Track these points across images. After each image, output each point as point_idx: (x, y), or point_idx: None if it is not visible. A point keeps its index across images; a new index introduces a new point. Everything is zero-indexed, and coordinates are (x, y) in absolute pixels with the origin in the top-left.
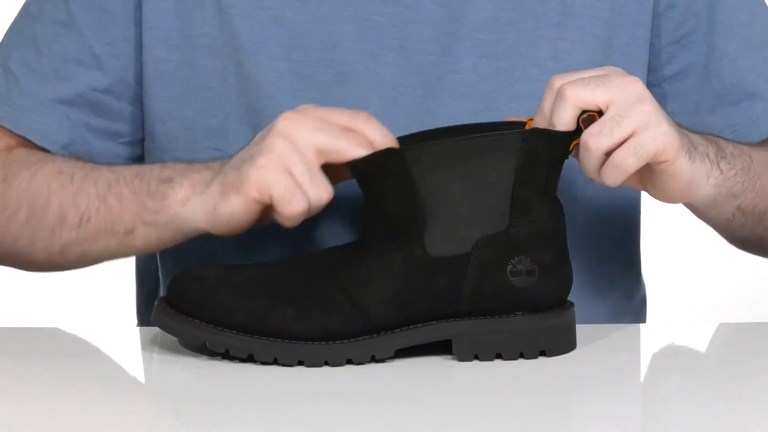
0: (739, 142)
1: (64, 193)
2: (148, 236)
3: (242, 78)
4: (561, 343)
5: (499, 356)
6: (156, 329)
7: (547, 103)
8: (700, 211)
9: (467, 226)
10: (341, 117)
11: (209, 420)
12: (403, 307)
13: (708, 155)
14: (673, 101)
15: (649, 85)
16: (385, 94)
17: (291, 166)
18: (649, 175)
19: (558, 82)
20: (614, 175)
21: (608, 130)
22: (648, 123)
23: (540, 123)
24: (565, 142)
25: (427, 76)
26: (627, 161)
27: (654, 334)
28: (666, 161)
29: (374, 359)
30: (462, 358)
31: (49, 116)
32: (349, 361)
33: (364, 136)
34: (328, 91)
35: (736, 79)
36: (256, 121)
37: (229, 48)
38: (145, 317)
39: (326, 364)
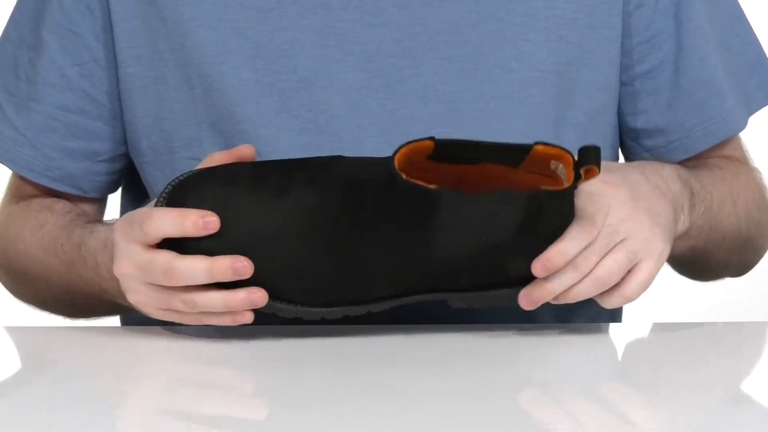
0: (703, 179)
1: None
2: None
3: (208, 88)
4: None
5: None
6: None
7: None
8: None
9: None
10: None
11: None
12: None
13: (683, 208)
14: (646, 99)
15: (622, 84)
16: (348, 96)
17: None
18: None
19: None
20: (616, 303)
21: (617, 269)
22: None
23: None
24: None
25: (390, 79)
26: (635, 296)
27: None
28: None
29: (370, 313)
30: (456, 305)
31: (25, 146)
32: (346, 317)
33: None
34: (291, 96)
35: (706, 76)
36: (226, 129)
37: (194, 60)
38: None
39: (323, 320)
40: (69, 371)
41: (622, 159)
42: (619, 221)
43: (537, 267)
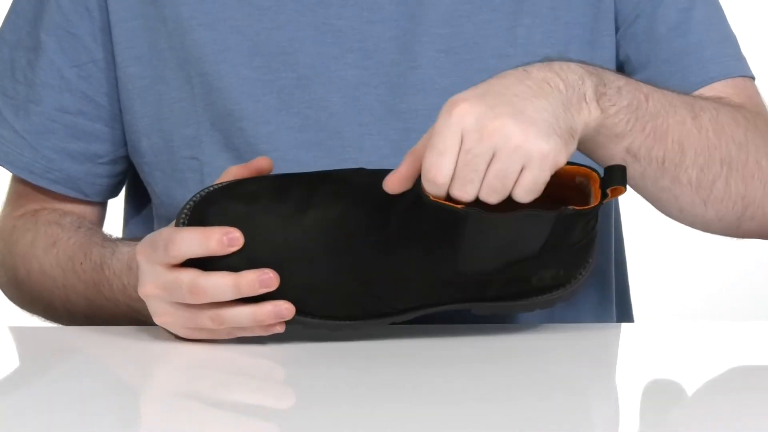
0: (657, 86)
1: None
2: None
3: (208, 87)
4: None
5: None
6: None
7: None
8: (587, 153)
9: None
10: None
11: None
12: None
13: (585, 96)
14: (629, 61)
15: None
16: (348, 94)
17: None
18: None
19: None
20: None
21: (501, 187)
22: (528, 157)
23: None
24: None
25: (389, 75)
26: (527, 198)
27: (647, 333)
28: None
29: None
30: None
31: (25, 148)
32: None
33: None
34: (290, 94)
35: (686, 27)
36: (226, 127)
37: (194, 59)
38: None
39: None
40: (69, 371)
41: None
42: (477, 142)
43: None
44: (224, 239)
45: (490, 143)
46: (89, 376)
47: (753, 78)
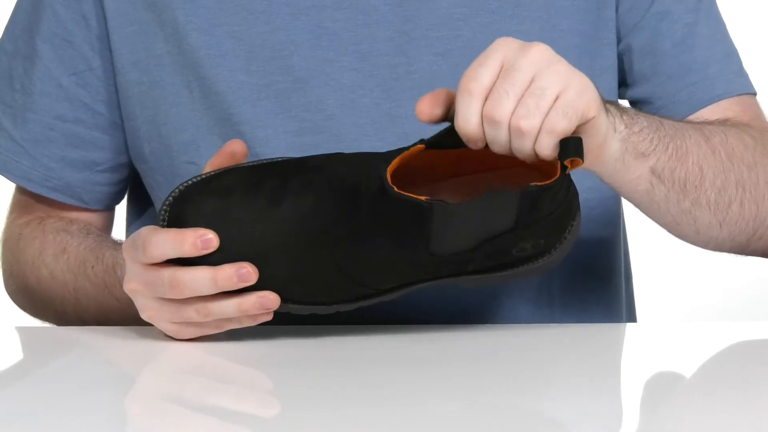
0: (647, 114)
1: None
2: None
3: (206, 91)
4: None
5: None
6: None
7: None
8: (613, 179)
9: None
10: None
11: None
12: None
13: (609, 108)
14: (631, 72)
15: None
16: (343, 97)
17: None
18: None
19: (486, 106)
20: (549, 144)
21: (534, 107)
22: (568, 82)
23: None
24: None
25: (385, 78)
26: (560, 125)
27: (647, 333)
28: (592, 117)
29: (383, 302)
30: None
31: (23, 156)
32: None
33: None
34: (287, 97)
35: (691, 42)
36: (224, 131)
37: (190, 64)
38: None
39: (338, 313)
40: (69, 371)
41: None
42: (519, 59)
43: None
44: (198, 242)
45: (533, 60)
46: (90, 377)
47: (755, 94)
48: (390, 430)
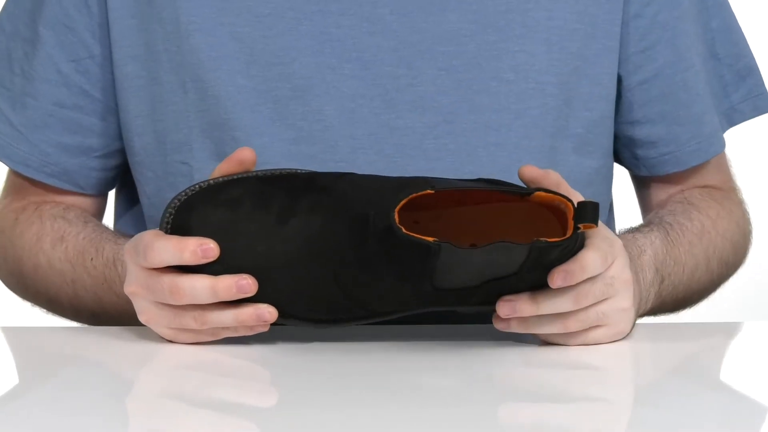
0: (678, 251)
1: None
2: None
3: (202, 93)
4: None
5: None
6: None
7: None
8: None
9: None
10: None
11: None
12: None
13: (649, 298)
14: (638, 110)
15: (617, 94)
16: (343, 105)
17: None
18: None
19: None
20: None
21: (584, 322)
22: (607, 318)
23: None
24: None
25: (386, 88)
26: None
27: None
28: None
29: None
30: (464, 313)
31: (21, 142)
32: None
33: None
34: (285, 105)
35: (702, 91)
36: (218, 135)
37: (189, 64)
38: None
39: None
40: (70, 371)
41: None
42: (615, 278)
43: (557, 278)
44: (198, 251)
45: (609, 291)
46: (90, 377)
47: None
48: (388, 423)
